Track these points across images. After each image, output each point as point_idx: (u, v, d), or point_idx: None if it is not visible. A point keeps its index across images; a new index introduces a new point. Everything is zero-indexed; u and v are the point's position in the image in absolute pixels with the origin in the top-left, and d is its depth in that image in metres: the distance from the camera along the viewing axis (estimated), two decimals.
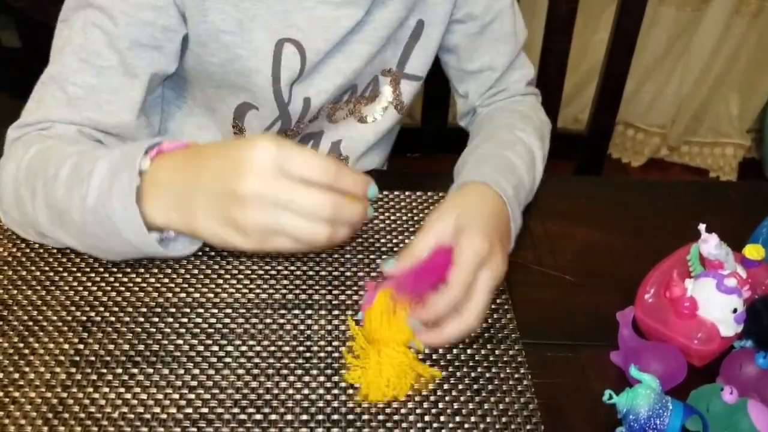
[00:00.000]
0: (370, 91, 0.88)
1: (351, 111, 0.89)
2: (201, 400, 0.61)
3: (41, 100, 0.74)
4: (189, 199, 0.60)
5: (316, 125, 0.89)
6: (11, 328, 0.67)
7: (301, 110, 0.83)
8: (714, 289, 0.65)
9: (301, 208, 0.55)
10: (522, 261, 0.77)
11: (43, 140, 0.71)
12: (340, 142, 0.90)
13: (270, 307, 0.70)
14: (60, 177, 0.65)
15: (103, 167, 0.63)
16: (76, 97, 0.72)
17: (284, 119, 0.83)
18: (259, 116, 0.83)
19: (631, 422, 0.59)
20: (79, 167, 0.64)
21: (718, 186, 0.98)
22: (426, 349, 0.66)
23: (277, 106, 0.81)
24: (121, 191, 0.61)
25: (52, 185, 0.65)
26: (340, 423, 0.60)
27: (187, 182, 0.60)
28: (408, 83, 0.90)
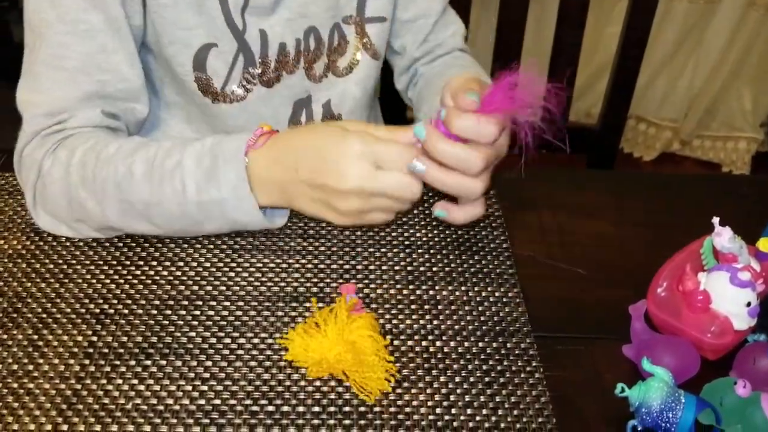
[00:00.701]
0: (337, 41, 0.89)
1: (327, 66, 0.89)
2: (214, 391, 0.62)
3: (37, 88, 0.75)
4: (290, 189, 0.69)
5: (300, 86, 0.88)
6: (26, 320, 0.67)
7: (260, 43, 0.83)
8: (727, 282, 0.65)
9: (392, 191, 0.65)
10: (534, 255, 0.77)
11: (83, 139, 0.73)
12: (329, 102, 0.91)
13: (282, 299, 0.70)
14: (135, 175, 0.70)
15: (190, 163, 0.70)
16: (76, 67, 0.74)
17: (246, 53, 0.82)
18: (220, 53, 0.81)
19: (644, 415, 0.59)
20: (155, 162, 0.70)
21: (732, 180, 0.97)
22: (432, 343, 0.66)
23: (232, 34, 0.81)
24: (230, 185, 0.69)
25: (129, 183, 0.70)
26: (352, 414, 0.61)
27: (286, 175, 0.68)
28: (374, 26, 0.90)
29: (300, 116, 0.90)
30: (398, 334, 0.68)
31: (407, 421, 0.60)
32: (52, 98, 0.74)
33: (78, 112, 0.75)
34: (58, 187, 0.72)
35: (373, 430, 0.59)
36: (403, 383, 0.63)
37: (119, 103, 0.78)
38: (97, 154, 0.72)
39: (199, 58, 0.81)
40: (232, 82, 0.84)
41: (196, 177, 0.69)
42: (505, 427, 0.60)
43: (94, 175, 0.71)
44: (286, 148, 0.69)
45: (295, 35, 0.85)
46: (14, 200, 0.80)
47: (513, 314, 0.70)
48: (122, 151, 0.72)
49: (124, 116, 0.79)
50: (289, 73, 0.87)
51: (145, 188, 0.70)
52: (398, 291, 0.72)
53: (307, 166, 0.67)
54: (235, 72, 0.83)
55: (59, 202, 0.73)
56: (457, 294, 0.72)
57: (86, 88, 0.75)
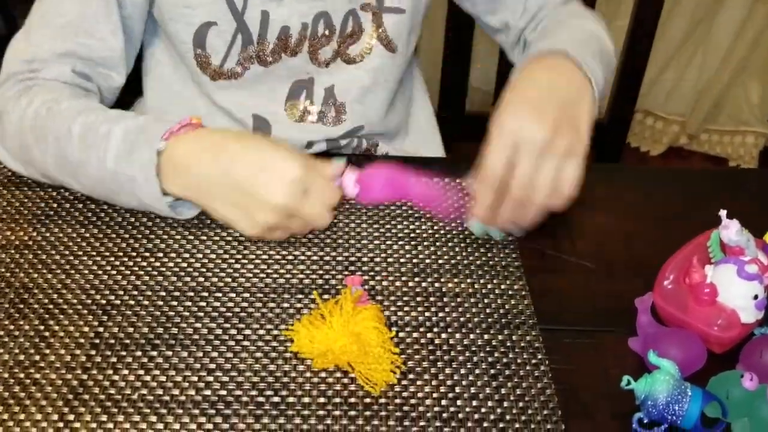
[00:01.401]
0: (351, 28, 0.87)
1: (337, 52, 0.88)
2: (219, 382, 0.62)
3: (31, 37, 0.80)
4: (212, 187, 0.69)
5: (302, 68, 0.88)
6: (32, 311, 0.67)
7: (260, 24, 0.83)
8: (735, 275, 0.65)
9: (309, 218, 0.70)
10: (540, 248, 0.77)
11: (45, 92, 0.77)
12: (333, 87, 0.90)
13: (287, 291, 0.70)
14: (73, 134, 0.73)
15: (119, 134, 0.71)
16: (63, 26, 0.79)
17: (244, 33, 0.83)
18: (219, 31, 0.83)
19: (650, 408, 0.58)
20: (92, 129, 0.72)
21: (739, 173, 0.97)
22: (435, 338, 0.66)
23: (231, 14, 0.82)
24: (141, 164, 0.70)
25: (66, 140, 0.73)
26: (357, 406, 0.61)
27: (211, 171, 0.69)
28: (391, 17, 0.88)
29: (299, 96, 0.89)
30: (404, 326, 0.68)
31: (412, 413, 0.60)
32: (35, 48, 0.79)
33: (52, 66, 0.79)
34: (13, 129, 0.77)
35: (378, 421, 0.60)
36: (409, 375, 0.63)
37: (96, 68, 0.81)
38: (49, 108, 0.75)
39: (200, 36, 0.83)
40: (231, 60, 0.85)
41: (119, 149, 0.71)
42: (510, 419, 0.60)
43: (41, 126, 0.75)
44: (219, 147, 0.69)
45: (302, 19, 0.84)
46: (21, 192, 0.81)
47: (518, 307, 0.70)
48: (70, 110, 0.74)
49: (97, 80, 0.82)
50: (289, 55, 0.86)
51: (76, 149, 0.73)
52: (404, 283, 0.72)
53: (241, 169, 0.68)
54: (233, 50, 0.84)
55: (14, 142, 0.78)
56: (462, 286, 0.72)
57: (67, 46, 0.79)
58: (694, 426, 0.58)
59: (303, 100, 0.89)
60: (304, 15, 0.84)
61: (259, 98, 0.88)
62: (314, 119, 0.90)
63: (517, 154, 0.67)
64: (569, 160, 0.68)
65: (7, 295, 0.69)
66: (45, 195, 0.80)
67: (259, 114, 0.89)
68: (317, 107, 0.90)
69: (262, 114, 0.89)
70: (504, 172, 0.68)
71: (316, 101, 0.90)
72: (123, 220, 0.78)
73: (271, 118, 0.89)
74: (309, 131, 0.90)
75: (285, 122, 0.90)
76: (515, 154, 0.67)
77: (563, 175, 0.68)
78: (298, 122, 0.90)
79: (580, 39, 0.81)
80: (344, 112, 0.91)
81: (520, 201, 0.68)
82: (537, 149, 0.67)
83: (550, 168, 0.68)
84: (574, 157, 0.69)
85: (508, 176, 0.68)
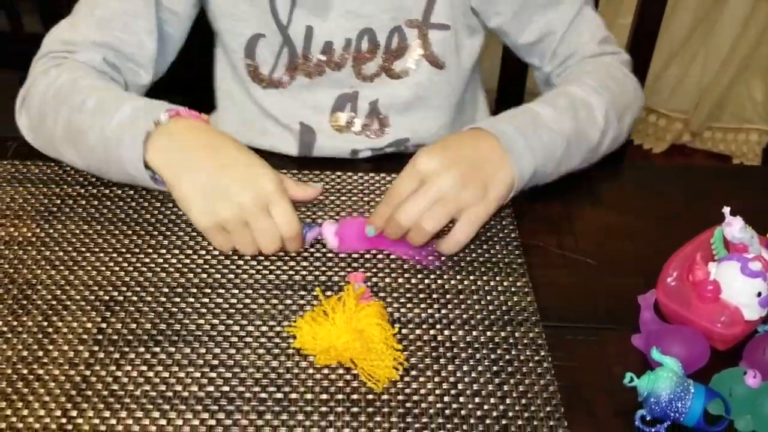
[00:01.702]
0: (396, 45, 0.87)
1: (381, 67, 0.89)
2: (222, 378, 0.62)
3: (74, 23, 0.84)
4: (190, 162, 0.71)
5: (346, 82, 0.89)
6: (36, 307, 0.68)
7: (304, 38, 0.85)
8: (738, 272, 0.64)
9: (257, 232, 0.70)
10: (543, 244, 0.77)
11: (75, 69, 0.81)
12: (377, 101, 0.90)
13: (290, 288, 0.70)
14: (86, 106, 0.76)
15: (127, 109, 0.74)
16: (103, 17, 0.82)
17: (289, 46, 0.86)
18: (267, 44, 0.87)
19: (652, 405, 0.58)
20: (106, 102, 0.75)
21: (742, 171, 0.97)
22: (442, 331, 0.66)
23: (277, 28, 0.85)
24: (134, 130, 0.72)
25: (78, 110, 0.76)
26: (360, 402, 0.61)
27: (200, 149, 0.72)
28: (437, 33, 0.88)
29: (343, 108, 0.91)
30: (406, 322, 0.68)
31: (415, 409, 0.60)
32: (74, 32, 0.83)
33: (85, 51, 0.82)
34: (37, 99, 0.80)
35: (380, 417, 0.60)
36: (411, 371, 0.63)
37: (126, 62, 0.84)
38: (74, 82, 0.78)
39: (250, 47, 0.87)
40: (278, 70, 0.89)
41: (122, 119, 0.73)
42: (512, 416, 0.60)
43: (63, 95, 0.78)
44: (218, 137, 0.73)
45: (346, 35, 0.86)
46: (24, 188, 0.81)
47: (521, 303, 0.70)
48: (91, 87, 0.78)
49: (125, 73, 0.85)
50: (334, 69, 0.88)
51: (85, 117, 0.75)
52: (407, 280, 0.72)
53: (228, 159, 0.71)
54: (281, 61, 0.88)
55: (35, 111, 0.81)
56: (465, 283, 0.72)
57: (104, 37, 0.82)
58: (696, 423, 0.58)
59: (347, 112, 0.91)
60: (348, 31, 0.86)
61: (305, 108, 0.90)
62: (358, 130, 0.92)
63: (419, 189, 0.70)
64: (465, 214, 0.71)
65: (11, 292, 0.69)
66: (48, 192, 0.80)
67: (304, 122, 0.91)
68: (361, 120, 0.91)
69: (308, 122, 0.91)
70: (406, 196, 0.70)
71: (360, 114, 0.91)
72: (126, 216, 0.78)
73: (316, 126, 0.91)
74: (353, 141, 0.92)
75: (329, 131, 0.91)
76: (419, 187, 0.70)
77: (455, 230, 0.71)
78: (342, 133, 0.91)
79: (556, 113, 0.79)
80: (388, 125, 0.92)
81: (399, 225, 0.70)
82: (438, 187, 0.69)
83: (440, 211, 0.70)
84: (471, 213, 0.71)
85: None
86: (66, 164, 0.83)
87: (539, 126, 0.77)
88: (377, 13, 0.85)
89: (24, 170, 0.83)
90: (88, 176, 0.83)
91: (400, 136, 0.92)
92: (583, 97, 0.82)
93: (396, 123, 0.92)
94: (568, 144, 0.79)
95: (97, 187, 0.81)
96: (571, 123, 0.79)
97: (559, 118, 0.79)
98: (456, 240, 0.71)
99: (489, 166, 0.73)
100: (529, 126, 0.76)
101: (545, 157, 0.77)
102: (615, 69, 0.89)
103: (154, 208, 0.79)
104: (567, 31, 0.89)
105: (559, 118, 0.79)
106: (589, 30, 0.90)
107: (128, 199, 0.80)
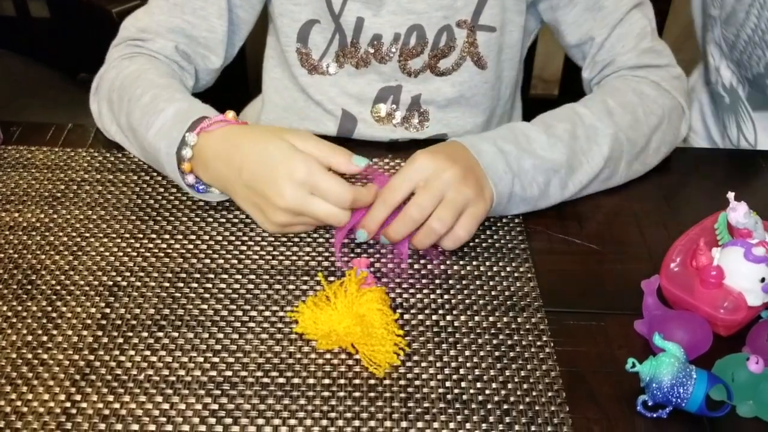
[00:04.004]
0: (444, 43, 0.88)
1: (427, 64, 0.89)
2: (225, 363, 0.62)
3: (149, 8, 0.87)
4: (230, 186, 0.73)
5: (391, 75, 0.89)
6: (40, 292, 0.68)
7: (354, 28, 0.86)
8: (742, 258, 0.64)
9: (319, 216, 0.69)
10: (546, 229, 0.77)
11: (145, 60, 0.84)
12: (419, 96, 0.91)
13: (293, 273, 0.71)
14: (141, 101, 0.78)
15: (169, 113, 0.75)
16: (176, 3, 0.85)
17: (340, 34, 0.87)
18: (320, 30, 0.88)
19: (654, 390, 0.58)
20: (156, 100, 0.77)
21: (748, 154, 0.96)
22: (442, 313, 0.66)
23: (330, 16, 0.86)
24: (169, 141, 0.74)
25: (134, 104, 0.78)
26: (362, 387, 0.61)
27: (230, 173, 0.72)
28: (484, 34, 0.88)
29: (386, 100, 0.91)
30: (409, 308, 0.68)
31: (417, 394, 0.60)
32: (149, 19, 0.86)
33: (158, 38, 0.85)
34: (108, 85, 0.83)
35: (382, 402, 0.60)
36: (413, 357, 0.63)
37: (197, 47, 0.87)
38: (140, 74, 0.81)
39: (303, 32, 0.88)
40: (328, 57, 0.90)
41: (162, 126, 0.75)
42: (514, 401, 0.60)
43: (126, 86, 0.80)
44: (235, 147, 0.71)
45: (395, 30, 0.86)
46: (29, 173, 0.81)
47: (524, 289, 0.70)
48: (152, 81, 0.80)
49: (195, 59, 0.87)
50: (380, 62, 0.88)
51: (137, 114, 0.78)
52: (409, 265, 0.72)
53: (250, 170, 0.70)
54: (331, 48, 0.89)
55: (103, 96, 0.84)
56: (468, 268, 0.72)
57: (176, 23, 0.85)
58: (698, 409, 0.58)
59: (389, 104, 0.91)
60: (398, 26, 0.86)
61: (349, 97, 0.91)
62: (398, 122, 0.92)
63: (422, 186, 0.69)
64: (466, 210, 0.70)
65: (15, 277, 0.69)
66: (53, 177, 0.81)
67: (347, 110, 0.91)
68: (402, 113, 0.92)
69: (350, 111, 0.92)
70: (404, 197, 0.70)
71: (401, 107, 0.91)
72: (130, 202, 0.78)
73: (358, 116, 0.92)
74: (392, 132, 0.92)
75: (370, 121, 0.92)
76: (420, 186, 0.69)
77: (456, 227, 0.70)
78: (382, 124, 0.92)
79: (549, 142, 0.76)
80: (427, 120, 0.92)
81: (412, 220, 0.69)
82: (441, 185, 0.69)
83: (443, 209, 0.69)
84: (471, 209, 0.70)
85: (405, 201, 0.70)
86: (70, 149, 0.84)
87: (524, 154, 0.75)
88: (429, 11, 0.85)
89: (28, 155, 0.84)
90: (93, 161, 0.83)
91: (440, 131, 0.93)
92: (591, 123, 0.79)
93: (436, 118, 0.92)
94: (556, 174, 0.76)
95: (101, 173, 0.82)
96: (565, 153, 0.76)
97: (552, 147, 0.76)
98: (457, 236, 0.70)
99: (478, 170, 0.72)
100: (512, 152, 0.74)
101: (524, 183, 0.74)
102: (648, 88, 0.84)
103: (158, 193, 0.79)
104: (608, 38, 0.86)
105: (551, 147, 0.76)
106: (632, 38, 0.86)
107: (132, 185, 0.80)
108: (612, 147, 0.79)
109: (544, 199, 0.77)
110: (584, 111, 0.80)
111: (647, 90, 0.84)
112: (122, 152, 0.85)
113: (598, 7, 0.86)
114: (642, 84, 0.84)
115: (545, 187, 0.76)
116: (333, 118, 0.92)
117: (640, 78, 0.85)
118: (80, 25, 1.63)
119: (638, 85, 0.84)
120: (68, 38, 1.72)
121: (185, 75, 0.87)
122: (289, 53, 0.91)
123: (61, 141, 0.87)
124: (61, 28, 1.70)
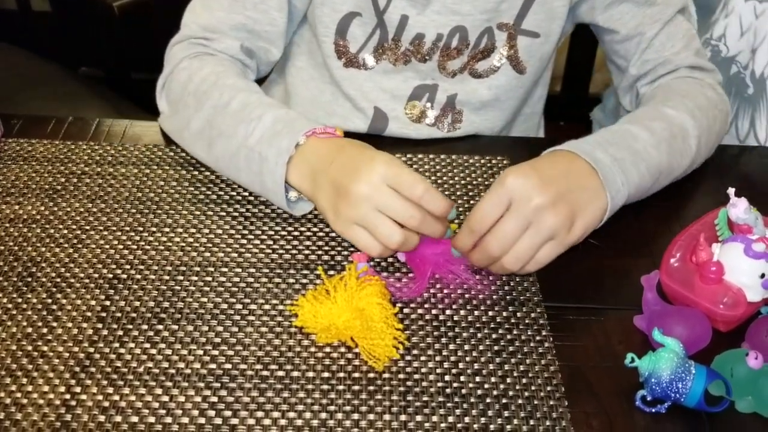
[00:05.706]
0: (484, 45, 0.87)
1: (465, 65, 0.89)
2: (225, 356, 0.62)
3: (208, 4, 0.86)
4: (319, 179, 0.71)
5: (428, 74, 0.89)
6: (40, 284, 0.68)
7: (397, 25, 0.86)
8: (742, 253, 0.64)
9: (391, 213, 0.67)
10: None
11: (216, 63, 0.83)
12: (455, 96, 0.90)
13: (293, 267, 0.71)
14: (230, 107, 0.77)
15: (269, 119, 0.75)
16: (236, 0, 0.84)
17: (382, 30, 0.87)
18: (361, 23, 0.87)
19: (653, 385, 0.58)
20: (248, 107, 0.77)
21: (748, 151, 0.96)
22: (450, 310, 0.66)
23: (374, 10, 0.85)
24: (278, 149, 0.73)
25: (221, 111, 0.77)
26: (361, 380, 0.61)
27: (322, 166, 0.71)
28: (525, 39, 0.88)
29: (421, 98, 0.90)
30: (408, 302, 0.68)
31: (416, 388, 0.60)
32: (211, 16, 0.85)
33: (223, 38, 0.84)
34: (178, 86, 0.82)
35: (381, 395, 0.60)
36: (412, 350, 0.63)
37: (259, 42, 0.86)
38: (217, 78, 0.80)
39: (343, 24, 0.87)
40: (365, 51, 0.88)
41: (264, 132, 0.74)
42: (513, 395, 0.60)
43: (204, 92, 0.79)
44: (338, 147, 0.72)
45: (438, 30, 0.86)
46: (29, 166, 0.81)
47: (524, 283, 0.70)
48: (234, 87, 0.79)
49: (257, 54, 0.87)
50: (419, 60, 0.88)
51: (228, 120, 0.77)
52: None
53: (339, 164, 0.70)
54: (370, 43, 0.88)
55: (174, 97, 0.83)
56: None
57: (238, 19, 0.84)
58: (697, 404, 0.58)
59: (423, 102, 0.91)
60: (441, 26, 0.86)
61: (383, 93, 0.90)
62: (431, 122, 0.91)
63: (508, 211, 0.66)
64: (550, 241, 0.67)
65: (16, 269, 0.69)
66: (53, 170, 0.81)
67: (380, 107, 0.91)
68: (435, 112, 0.91)
69: (383, 108, 0.91)
70: (491, 223, 0.67)
71: (436, 106, 0.91)
72: (130, 195, 0.78)
73: (390, 113, 0.91)
74: (423, 132, 0.92)
75: (402, 120, 0.91)
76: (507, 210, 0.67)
77: (538, 253, 0.67)
78: (414, 122, 0.91)
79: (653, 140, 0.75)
80: (460, 121, 0.92)
81: (489, 254, 0.67)
82: (528, 212, 0.66)
83: (529, 239, 0.66)
84: (556, 239, 0.67)
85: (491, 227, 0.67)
86: (70, 143, 0.84)
87: (638, 159, 0.74)
88: (474, 13, 0.85)
89: (29, 148, 0.84)
90: (93, 155, 0.83)
91: (471, 132, 0.93)
92: (681, 123, 0.78)
93: (468, 120, 0.92)
94: (659, 175, 0.76)
95: (102, 166, 0.82)
96: (667, 154, 0.76)
97: (657, 146, 0.75)
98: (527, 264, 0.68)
99: (585, 194, 0.69)
100: (627, 158, 0.73)
101: (637, 191, 0.74)
102: (710, 91, 0.84)
103: (158, 186, 0.79)
104: (658, 35, 0.86)
105: (656, 146, 0.75)
106: (683, 38, 0.86)
107: (132, 178, 0.80)
108: (697, 148, 0.79)
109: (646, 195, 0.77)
110: (671, 112, 0.79)
111: (710, 93, 0.84)
112: (122, 145, 0.85)
113: (650, 2, 0.86)
114: (705, 88, 0.85)
115: (650, 187, 0.76)
116: (363, 116, 0.91)
117: (700, 80, 0.86)
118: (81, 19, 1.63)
119: (702, 88, 0.84)
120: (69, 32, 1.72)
121: (248, 71, 0.87)
122: (325, 44, 0.89)
123: (62, 134, 0.87)
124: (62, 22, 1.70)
